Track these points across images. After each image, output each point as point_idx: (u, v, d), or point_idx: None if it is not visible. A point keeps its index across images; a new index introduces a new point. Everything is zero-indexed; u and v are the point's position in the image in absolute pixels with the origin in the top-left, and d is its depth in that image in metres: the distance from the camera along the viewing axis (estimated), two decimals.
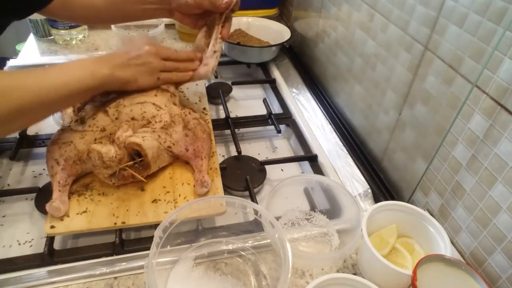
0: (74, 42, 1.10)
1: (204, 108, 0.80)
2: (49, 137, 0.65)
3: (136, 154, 0.61)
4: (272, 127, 0.84)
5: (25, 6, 0.67)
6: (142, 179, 0.61)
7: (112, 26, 1.06)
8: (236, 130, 0.81)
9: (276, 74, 1.04)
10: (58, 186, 0.59)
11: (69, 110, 0.72)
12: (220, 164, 0.72)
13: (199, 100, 0.82)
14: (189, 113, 0.70)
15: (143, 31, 1.08)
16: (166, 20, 1.12)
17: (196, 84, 0.87)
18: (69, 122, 0.67)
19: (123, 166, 0.59)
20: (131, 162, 0.60)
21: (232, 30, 1.12)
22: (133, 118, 0.65)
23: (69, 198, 0.60)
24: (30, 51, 1.07)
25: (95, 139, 0.63)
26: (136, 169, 0.61)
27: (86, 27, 1.12)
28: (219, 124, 0.83)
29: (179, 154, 0.65)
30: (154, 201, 0.61)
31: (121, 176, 0.60)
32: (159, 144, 0.63)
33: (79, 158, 0.61)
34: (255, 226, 0.61)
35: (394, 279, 0.51)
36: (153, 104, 0.67)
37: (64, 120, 0.70)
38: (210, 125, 0.76)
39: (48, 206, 0.56)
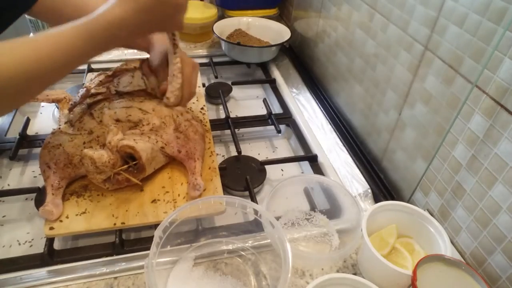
0: None
1: (202, 108, 0.80)
2: None
3: (129, 157, 0.60)
4: (272, 127, 0.84)
5: (10, 10, 0.63)
6: (138, 182, 0.61)
7: None
8: (236, 130, 0.81)
9: (276, 74, 1.04)
10: (51, 189, 0.58)
11: (66, 111, 0.72)
12: (220, 164, 0.72)
13: (197, 100, 0.82)
14: (181, 114, 0.69)
15: None
16: None
17: None
18: (64, 122, 0.67)
19: (117, 171, 0.59)
20: (125, 166, 0.59)
21: (232, 30, 1.12)
22: (117, 120, 0.65)
23: (67, 199, 0.60)
24: None
25: (84, 142, 0.62)
26: (130, 173, 0.60)
27: None
28: (219, 124, 0.83)
29: (172, 155, 0.65)
30: (154, 201, 0.61)
31: (116, 180, 0.59)
32: (153, 145, 0.63)
33: (69, 161, 0.61)
34: (255, 226, 0.61)
35: (394, 279, 0.51)
36: (139, 109, 0.67)
37: (60, 120, 0.70)
38: (208, 125, 0.76)
39: (41, 210, 0.56)
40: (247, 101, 0.99)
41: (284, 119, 0.88)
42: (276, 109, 0.95)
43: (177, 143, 0.65)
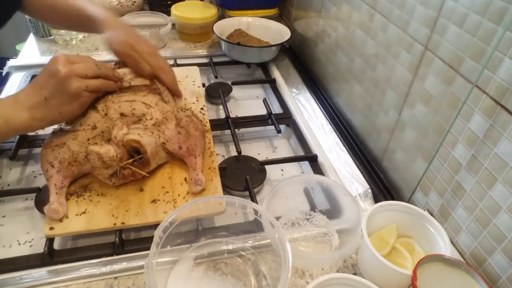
0: (74, 42, 1.10)
1: (202, 108, 0.80)
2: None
3: (134, 152, 0.61)
4: (272, 127, 0.84)
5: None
6: (145, 174, 0.61)
7: None
8: (236, 130, 0.81)
9: (276, 74, 1.04)
10: (54, 188, 0.58)
11: None
12: (220, 164, 0.72)
13: (197, 100, 0.82)
14: (182, 110, 0.70)
15: (154, 30, 1.08)
16: (172, 19, 1.13)
17: (193, 84, 0.87)
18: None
19: (124, 164, 0.59)
20: (131, 160, 0.60)
21: (232, 30, 1.12)
22: (122, 114, 0.65)
23: (67, 199, 0.60)
24: (30, 51, 1.07)
25: (88, 139, 0.62)
26: (135, 167, 0.61)
27: None
28: (219, 124, 0.83)
29: (173, 151, 0.65)
30: (154, 201, 0.61)
31: (121, 175, 0.60)
32: (156, 139, 0.63)
33: (74, 159, 0.61)
34: (255, 226, 0.61)
35: (394, 279, 0.51)
36: (143, 102, 0.67)
37: None
38: (208, 125, 0.76)
39: (46, 209, 0.55)
40: (247, 101, 0.99)
41: (284, 119, 0.88)
42: (276, 109, 0.95)
43: (178, 138, 0.65)
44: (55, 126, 0.68)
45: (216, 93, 0.94)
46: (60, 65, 0.57)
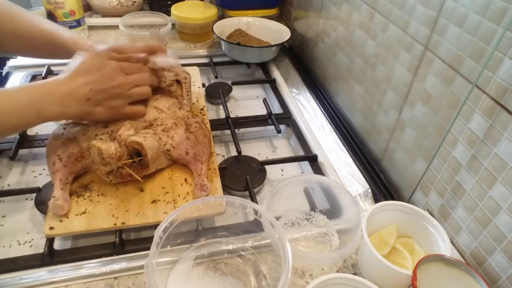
0: None
1: (202, 109, 0.80)
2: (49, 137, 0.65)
3: (135, 154, 0.61)
4: (272, 127, 0.84)
5: None
6: (139, 179, 0.61)
7: (120, 25, 1.06)
8: (236, 130, 0.81)
9: (276, 74, 1.04)
10: (59, 183, 0.58)
11: None
12: (220, 164, 0.72)
13: (197, 100, 0.82)
14: (192, 116, 0.70)
15: (154, 30, 1.08)
16: (172, 19, 1.13)
17: (193, 84, 0.87)
18: None
19: (122, 164, 0.59)
20: (130, 161, 0.60)
21: (232, 30, 1.12)
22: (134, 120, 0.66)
23: None
24: None
25: (96, 135, 0.63)
26: (134, 168, 0.61)
27: (86, 27, 1.12)
28: (219, 124, 0.83)
29: (178, 157, 0.65)
30: (154, 201, 0.61)
31: (119, 174, 0.60)
32: (159, 145, 0.63)
33: (81, 154, 0.61)
34: (255, 226, 0.61)
35: (394, 279, 0.51)
36: (155, 107, 0.67)
37: None
38: (208, 125, 0.76)
39: (51, 204, 0.55)
40: (247, 101, 0.99)
41: (284, 119, 0.88)
42: (276, 109, 0.95)
43: (186, 143, 0.65)
44: (55, 126, 0.68)
45: (216, 93, 0.94)
46: (115, 71, 0.61)
